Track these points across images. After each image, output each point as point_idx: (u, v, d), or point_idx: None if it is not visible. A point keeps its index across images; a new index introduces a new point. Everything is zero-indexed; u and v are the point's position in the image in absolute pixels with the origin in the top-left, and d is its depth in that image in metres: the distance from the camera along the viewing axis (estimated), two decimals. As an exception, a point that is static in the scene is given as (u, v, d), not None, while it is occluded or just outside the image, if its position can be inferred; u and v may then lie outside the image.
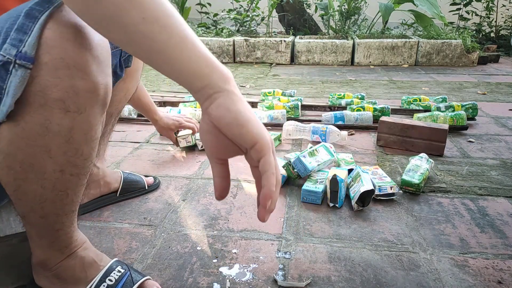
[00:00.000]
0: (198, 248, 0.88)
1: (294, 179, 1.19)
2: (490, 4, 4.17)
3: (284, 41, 3.42)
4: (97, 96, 0.54)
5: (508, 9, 4.36)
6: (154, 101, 1.30)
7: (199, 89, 0.45)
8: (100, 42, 0.53)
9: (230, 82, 0.46)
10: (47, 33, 0.48)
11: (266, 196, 0.50)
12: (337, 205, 1.05)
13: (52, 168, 0.56)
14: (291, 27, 4.05)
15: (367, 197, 1.04)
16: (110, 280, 0.68)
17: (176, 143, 1.40)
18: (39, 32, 0.47)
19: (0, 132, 0.52)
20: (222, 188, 0.54)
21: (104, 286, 0.67)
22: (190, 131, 1.39)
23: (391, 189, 1.08)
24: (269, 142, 0.48)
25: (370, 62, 3.38)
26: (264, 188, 0.49)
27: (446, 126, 1.40)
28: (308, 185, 1.09)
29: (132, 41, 0.43)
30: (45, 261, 0.68)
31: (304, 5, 4.19)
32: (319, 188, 1.07)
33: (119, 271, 0.70)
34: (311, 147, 1.23)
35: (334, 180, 1.03)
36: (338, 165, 1.25)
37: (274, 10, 3.91)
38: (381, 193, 1.08)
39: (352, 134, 1.63)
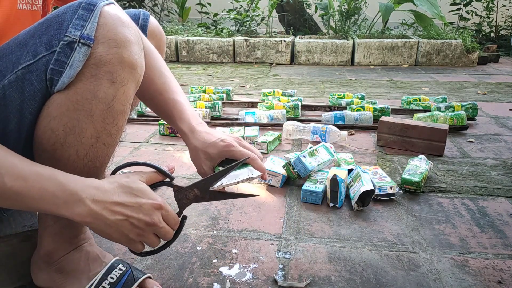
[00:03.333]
0: (198, 248, 0.88)
1: (294, 179, 1.19)
2: (490, 4, 4.17)
3: (284, 41, 3.42)
4: (136, 73, 0.64)
5: (508, 9, 4.36)
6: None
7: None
8: (138, 31, 0.65)
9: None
10: (102, 21, 0.60)
11: None
12: (337, 205, 1.05)
13: (90, 133, 0.62)
14: (291, 27, 4.05)
15: (367, 197, 1.04)
16: (112, 278, 0.68)
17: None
18: (97, 19, 0.59)
19: (53, 99, 0.60)
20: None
21: (106, 283, 0.68)
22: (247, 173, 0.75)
23: (391, 189, 1.08)
24: None
25: (370, 62, 3.38)
26: None
27: (446, 126, 1.40)
28: (308, 185, 1.09)
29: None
30: (52, 252, 0.69)
31: (304, 5, 4.19)
32: (319, 188, 1.07)
33: (120, 269, 0.70)
34: (311, 147, 1.23)
35: (334, 180, 1.03)
36: (338, 165, 1.25)
37: (274, 10, 3.91)
38: (381, 193, 1.08)
39: (352, 134, 1.63)
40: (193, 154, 0.77)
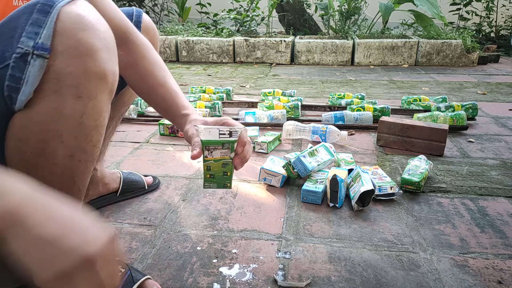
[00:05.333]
0: (198, 248, 0.88)
1: (294, 179, 1.19)
2: (490, 4, 4.16)
3: (284, 41, 3.42)
4: (106, 83, 0.57)
5: (508, 9, 4.36)
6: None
7: None
8: (108, 32, 0.57)
9: None
10: (60, 25, 0.51)
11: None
12: (337, 205, 1.05)
13: (62, 153, 0.57)
14: (291, 27, 4.05)
15: (367, 197, 1.04)
16: None
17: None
18: (53, 24, 0.51)
19: (14, 120, 0.54)
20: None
21: None
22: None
23: (391, 189, 1.08)
24: None
25: (370, 62, 3.38)
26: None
27: (446, 126, 1.40)
28: (308, 185, 1.09)
29: None
30: None
31: (304, 5, 4.18)
32: (319, 188, 1.07)
33: (119, 271, 0.70)
34: (311, 147, 1.23)
35: (334, 180, 1.03)
36: (338, 165, 1.25)
37: (274, 10, 3.91)
38: (381, 193, 1.08)
39: (352, 134, 1.63)
40: (190, 124, 0.76)
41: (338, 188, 1.03)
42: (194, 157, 0.69)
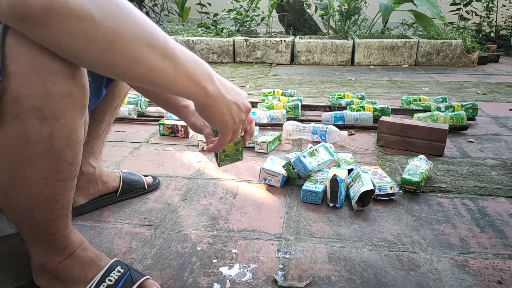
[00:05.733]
0: (198, 248, 0.88)
1: (294, 179, 1.19)
2: (490, 4, 4.16)
3: (284, 41, 3.41)
4: (74, 99, 0.53)
5: (508, 9, 4.36)
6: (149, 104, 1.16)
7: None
8: None
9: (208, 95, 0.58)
10: (10, 41, 0.46)
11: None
12: (337, 205, 1.05)
13: (36, 177, 0.55)
14: (291, 27, 4.05)
15: (367, 197, 1.04)
16: (110, 280, 0.68)
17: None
18: (0, 41, 0.46)
19: None
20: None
21: (104, 286, 0.67)
22: None
23: (391, 189, 1.08)
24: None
25: (370, 62, 3.38)
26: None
27: (446, 126, 1.40)
28: (308, 185, 1.09)
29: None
30: (44, 264, 0.68)
31: (304, 5, 4.18)
32: (319, 188, 1.07)
33: (118, 271, 0.70)
34: (311, 147, 1.23)
35: (334, 180, 1.03)
36: (338, 165, 1.25)
37: (274, 10, 3.91)
38: (381, 193, 1.08)
39: (352, 134, 1.63)
40: (195, 116, 0.80)
41: (338, 188, 1.03)
42: (212, 150, 0.70)
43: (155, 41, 0.49)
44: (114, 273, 0.69)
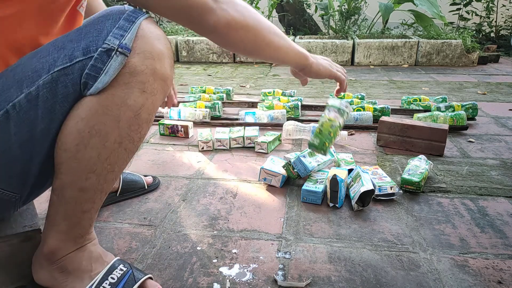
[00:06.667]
0: (198, 248, 0.89)
1: (294, 179, 1.19)
2: (490, 4, 4.17)
3: (284, 41, 3.41)
4: (166, 84, 0.67)
5: (508, 9, 4.36)
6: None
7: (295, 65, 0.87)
8: (170, 45, 0.68)
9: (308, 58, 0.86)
10: (141, 33, 0.63)
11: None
12: (337, 205, 1.05)
13: (114, 138, 0.64)
14: (291, 27, 4.05)
15: (367, 197, 1.04)
16: (113, 278, 0.68)
17: None
18: (136, 31, 0.62)
19: (83, 101, 0.62)
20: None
21: (106, 283, 0.68)
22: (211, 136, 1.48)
23: (391, 189, 1.08)
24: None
25: (370, 62, 3.38)
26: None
27: (446, 126, 1.40)
28: (308, 185, 1.09)
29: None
30: (55, 251, 0.69)
31: (304, 5, 4.19)
32: (319, 188, 1.07)
33: (121, 269, 0.70)
34: (311, 147, 1.23)
35: (334, 180, 1.03)
36: (338, 165, 1.25)
37: (274, 10, 3.91)
38: (381, 193, 1.08)
39: (352, 134, 1.63)
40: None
41: (338, 188, 1.03)
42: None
43: (275, 30, 0.76)
44: (116, 271, 0.69)
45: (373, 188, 1.03)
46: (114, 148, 0.65)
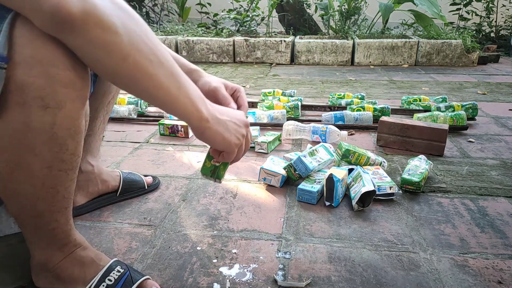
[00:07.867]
0: (198, 248, 0.88)
1: (295, 181, 1.19)
2: (490, 4, 4.16)
3: (284, 41, 3.41)
4: (76, 89, 0.54)
5: (508, 9, 4.36)
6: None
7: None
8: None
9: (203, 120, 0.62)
10: (16, 32, 0.48)
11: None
12: (333, 204, 1.05)
13: (39, 166, 0.56)
14: (291, 27, 4.05)
15: (367, 198, 1.03)
16: (110, 280, 0.68)
17: None
18: (8, 31, 0.47)
19: None
20: None
21: (103, 286, 0.67)
22: None
23: (390, 189, 1.08)
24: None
25: (370, 62, 3.38)
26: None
27: (446, 126, 1.40)
28: (304, 185, 1.09)
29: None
30: (45, 262, 0.68)
31: (304, 5, 4.18)
32: (315, 188, 1.07)
33: (118, 271, 0.70)
34: (310, 147, 1.23)
35: (330, 179, 1.03)
36: (338, 165, 1.25)
37: (274, 10, 3.91)
38: (381, 193, 1.08)
39: (352, 134, 1.63)
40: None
41: (334, 187, 1.03)
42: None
43: (164, 60, 0.54)
44: (113, 273, 0.69)
45: (374, 189, 1.03)
46: (45, 173, 0.57)
